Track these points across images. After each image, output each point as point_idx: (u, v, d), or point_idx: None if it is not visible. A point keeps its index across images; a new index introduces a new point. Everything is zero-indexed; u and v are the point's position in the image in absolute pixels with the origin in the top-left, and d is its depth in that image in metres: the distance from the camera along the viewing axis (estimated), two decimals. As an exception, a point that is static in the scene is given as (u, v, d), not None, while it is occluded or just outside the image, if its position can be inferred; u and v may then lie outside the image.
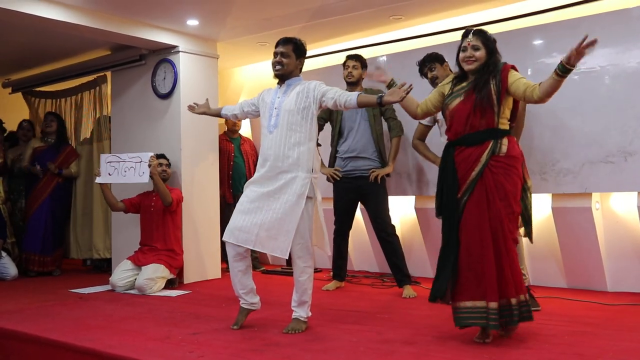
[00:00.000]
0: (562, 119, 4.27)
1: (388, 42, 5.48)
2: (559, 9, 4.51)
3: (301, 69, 3.50)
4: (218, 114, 3.87)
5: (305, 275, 3.31)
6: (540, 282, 4.14)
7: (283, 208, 3.24)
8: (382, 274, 5.41)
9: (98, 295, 4.74)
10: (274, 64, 3.42)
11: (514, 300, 2.85)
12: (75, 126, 6.51)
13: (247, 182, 3.47)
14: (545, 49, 4.43)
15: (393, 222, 4.61)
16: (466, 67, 3.01)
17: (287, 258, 3.28)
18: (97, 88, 6.14)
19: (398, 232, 4.65)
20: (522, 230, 3.11)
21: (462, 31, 3.11)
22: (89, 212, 6.10)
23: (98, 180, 5.07)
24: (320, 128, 4.73)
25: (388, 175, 4.62)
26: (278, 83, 3.48)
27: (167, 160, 5.13)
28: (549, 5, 4.57)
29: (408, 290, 4.37)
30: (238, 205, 3.39)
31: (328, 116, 4.78)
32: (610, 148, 4.11)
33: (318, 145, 4.56)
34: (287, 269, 5.60)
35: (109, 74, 6.01)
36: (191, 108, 3.96)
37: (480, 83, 2.95)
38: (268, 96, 3.50)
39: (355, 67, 4.62)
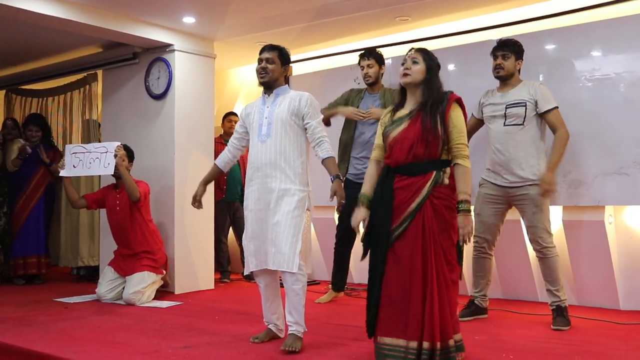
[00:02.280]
0: (575, 128, 4.28)
1: (393, 44, 5.50)
2: (572, 12, 4.53)
3: (286, 77, 3.57)
4: (219, 172, 3.76)
5: (299, 284, 3.31)
6: (548, 299, 4.13)
7: (286, 221, 3.27)
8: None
9: (84, 305, 4.74)
10: (258, 71, 3.48)
11: (448, 342, 2.79)
12: (63, 127, 6.52)
13: (245, 203, 3.49)
14: (557, 53, 4.46)
15: None
16: (402, 80, 3.01)
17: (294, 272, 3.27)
18: (87, 87, 6.15)
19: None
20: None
21: (468, 35, 3.12)
22: (74, 218, 6.11)
23: (62, 173, 5.02)
24: None
25: None
26: (264, 92, 3.52)
27: (128, 152, 5.03)
28: (561, 9, 4.59)
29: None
30: (245, 232, 3.48)
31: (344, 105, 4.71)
32: (625, 159, 4.12)
33: (328, 125, 4.61)
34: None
35: (100, 72, 6.02)
36: (197, 204, 3.68)
37: (426, 111, 2.91)
38: (253, 108, 3.54)
39: (370, 66, 4.59)
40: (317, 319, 3.93)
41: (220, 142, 6.09)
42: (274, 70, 3.45)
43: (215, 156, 5.75)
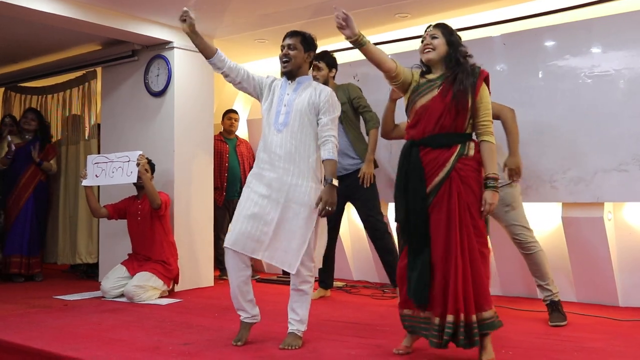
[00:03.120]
0: (574, 124, 4.30)
1: (393, 40, 5.49)
2: (571, 9, 4.53)
3: (311, 64, 3.48)
4: (209, 52, 3.42)
5: (307, 285, 3.30)
6: (541, 294, 4.15)
7: (297, 220, 3.22)
8: (382, 284, 5.42)
9: (84, 303, 4.75)
10: (281, 58, 3.37)
11: (484, 315, 2.80)
12: (62, 124, 6.52)
13: (249, 178, 3.37)
14: (556, 50, 4.45)
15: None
16: (424, 56, 2.99)
17: (293, 273, 3.25)
18: (87, 84, 6.16)
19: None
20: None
21: (468, 32, 3.12)
22: (73, 215, 6.13)
23: (84, 182, 5.07)
24: None
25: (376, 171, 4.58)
26: (287, 78, 3.41)
27: (150, 164, 5.07)
28: (560, 5, 4.59)
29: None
30: (241, 207, 3.30)
31: None
32: (624, 156, 4.13)
33: None
34: (283, 277, 5.61)
35: (99, 69, 6.03)
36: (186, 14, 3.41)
37: (458, 80, 2.88)
38: (276, 87, 3.41)
39: (320, 69, 4.59)
40: (316, 316, 3.94)
41: (220, 140, 6.10)
42: (296, 57, 3.34)
43: (215, 154, 5.79)
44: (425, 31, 3.03)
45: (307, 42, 3.40)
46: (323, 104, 3.29)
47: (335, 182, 3.19)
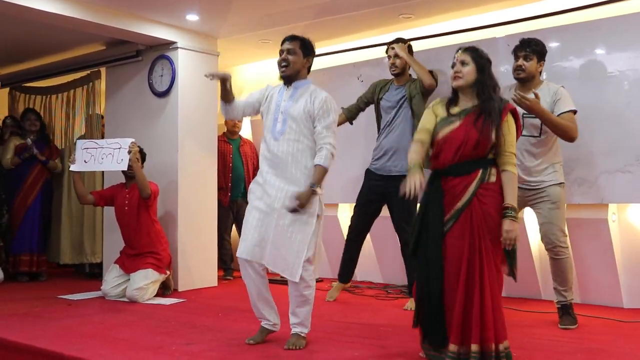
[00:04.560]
0: (579, 126, 4.27)
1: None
2: (577, 10, 4.52)
3: (309, 69, 3.46)
4: (229, 97, 3.49)
5: (309, 290, 3.27)
6: (552, 297, 4.14)
7: (293, 227, 3.21)
8: (386, 285, 5.41)
9: (88, 302, 4.76)
10: (279, 63, 3.37)
11: (492, 346, 2.73)
12: (67, 124, 6.53)
13: (251, 186, 3.43)
14: (562, 51, 4.44)
15: None
16: (453, 83, 2.97)
17: (296, 281, 3.23)
18: (90, 84, 6.15)
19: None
20: (505, 268, 2.98)
21: (472, 32, 3.10)
22: (77, 215, 6.13)
23: (72, 167, 5.01)
24: (362, 110, 4.74)
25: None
26: (284, 84, 3.42)
27: (140, 153, 5.03)
28: (566, 6, 4.58)
29: (411, 303, 4.36)
30: (246, 218, 3.37)
31: (369, 100, 4.70)
32: (628, 157, 4.12)
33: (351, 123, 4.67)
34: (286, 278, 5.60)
35: (103, 69, 6.03)
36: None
37: (484, 115, 2.88)
38: (273, 94, 3.43)
39: (398, 56, 4.51)
40: (320, 317, 3.93)
41: (224, 140, 6.10)
42: (295, 62, 3.33)
43: (219, 154, 5.79)
44: (455, 56, 2.99)
45: (306, 46, 3.39)
46: (317, 110, 3.27)
47: (319, 190, 3.20)
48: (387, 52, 4.62)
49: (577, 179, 4.30)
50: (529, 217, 4.34)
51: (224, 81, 3.43)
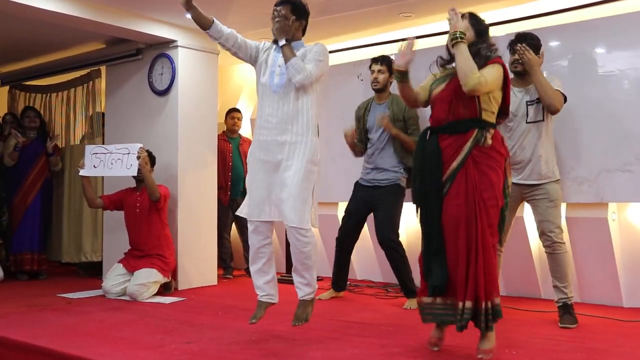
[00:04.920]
0: (578, 124, 4.29)
1: (397, 40, 5.47)
2: (576, 9, 4.52)
3: (304, 31, 3.44)
4: (205, 22, 3.32)
5: (309, 246, 3.26)
6: (551, 296, 4.14)
7: (298, 175, 3.21)
8: (386, 283, 5.41)
9: (88, 301, 4.75)
10: (273, 30, 3.31)
11: (483, 304, 2.82)
12: (67, 122, 6.53)
13: (251, 148, 3.44)
14: (561, 50, 4.45)
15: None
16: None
17: (315, 226, 3.27)
18: (91, 83, 6.17)
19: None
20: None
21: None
22: (77, 213, 6.13)
23: (82, 172, 5.05)
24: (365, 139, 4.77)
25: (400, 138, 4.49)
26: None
27: (150, 157, 5.08)
28: (565, 5, 4.58)
29: (410, 302, 4.37)
30: (248, 178, 3.42)
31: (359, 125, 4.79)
32: (628, 156, 4.12)
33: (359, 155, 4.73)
34: (286, 276, 5.60)
35: (103, 68, 6.03)
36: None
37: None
38: (270, 53, 3.41)
39: (381, 72, 4.58)
40: (319, 315, 3.93)
41: (224, 139, 6.09)
42: (288, 26, 3.28)
43: (219, 153, 5.78)
44: None
45: (299, 9, 3.36)
46: (313, 53, 3.29)
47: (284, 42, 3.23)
48: (370, 67, 4.67)
49: (577, 177, 4.30)
50: (529, 218, 4.33)
51: (189, 7, 3.27)
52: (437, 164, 2.92)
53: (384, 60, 4.60)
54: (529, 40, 3.87)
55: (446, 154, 2.91)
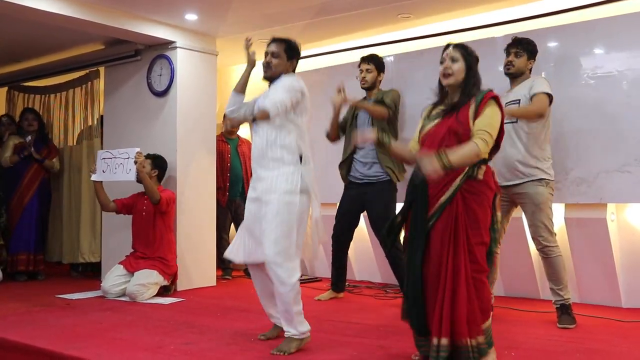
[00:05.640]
0: (577, 125, 4.29)
1: (395, 41, 5.50)
2: (574, 10, 4.53)
3: (294, 70, 3.44)
4: (244, 87, 3.49)
5: (283, 288, 3.12)
6: (550, 296, 4.15)
7: (273, 210, 3.15)
8: (384, 284, 5.41)
9: (86, 302, 4.75)
10: (263, 65, 3.37)
11: (464, 341, 2.70)
12: (65, 124, 6.53)
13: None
14: (559, 51, 4.45)
15: None
16: (443, 81, 2.95)
17: (308, 257, 3.29)
18: (89, 84, 6.16)
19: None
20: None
21: (470, 32, 3.07)
22: (76, 214, 6.13)
23: (93, 177, 5.11)
24: (342, 128, 4.77)
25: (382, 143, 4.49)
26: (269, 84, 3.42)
27: (158, 162, 5.12)
28: (563, 6, 4.59)
29: None
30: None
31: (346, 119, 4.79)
32: (627, 157, 4.12)
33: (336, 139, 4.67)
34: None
35: (102, 69, 6.03)
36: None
37: (459, 105, 2.87)
38: (259, 99, 3.45)
39: (369, 71, 4.62)
40: (318, 316, 3.94)
41: (222, 140, 6.09)
42: (278, 65, 3.34)
43: (217, 154, 5.78)
44: (445, 51, 2.97)
45: (292, 49, 3.39)
46: (280, 85, 3.27)
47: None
48: (359, 66, 4.71)
49: (576, 178, 4.31)
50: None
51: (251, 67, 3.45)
52: (424, 202, 2.84)
53: (372, 59, 4.64)
54: (525, 45, 3.94)
55: (435, 188, 2.82)
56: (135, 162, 4.90)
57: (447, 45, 3.00)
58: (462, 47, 2.96)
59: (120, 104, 5.77)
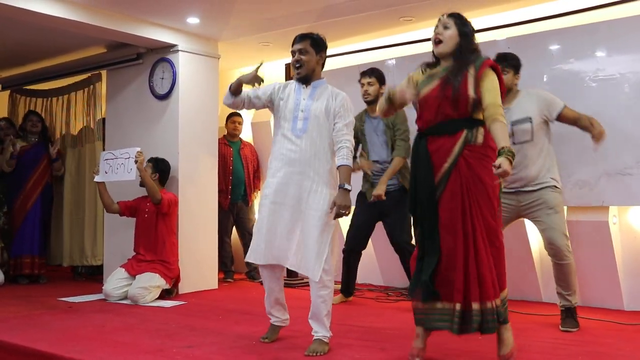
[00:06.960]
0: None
1: (398, 44, 5.49)
2: (577, 13, 4.52)
3: (323, 64, 3.43)
4: (239, 90, 3.42)
5: (326, 290, 3.21)
6: (552, 299, 4.14)
7: (316, 227, 3.17)
8: (387, 287, 5.40)
9: (88, 305, 4.74)
10: (293, 64, 3.34)
11: (475, 306, 2.74)
12: (67, 126, 6.53)
13: (264, 190, 3.38)
14: (561, 54, 4.45)
15: None
16: (435, 49, 2.94)
17: (316, 280, 3.19)
18: (91, 87, 6.16)
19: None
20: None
21: (475, 34, 3.07)
22: (79, 217, 6.13)
23: (96, 178, 5.13)
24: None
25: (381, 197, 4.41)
26: (302, 83, 3.38)
27: (160, 165, 5.12)
28: (565, 9, 4.58)
29: None
30: (261, 220, 3.33)
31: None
32: (629, 159, 4.12)
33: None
34: (287, 280, 5.59)
35: (104, 72, 6.03)
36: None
37: (455, 70, 2.86)
38: (289, 93, 3.39)
39: (371, 84, 4.60)
40: (320, 319, 3.93)
41: (224, 143, 6.09)
42: (309, 61, 3.31)
43: (219, 157, 5.78)
44: (440, 19, 2.96)
45: (317, 43, 3.35)
46: (339, 108, 3.28)
47: (349, 187, 3.17)
48: (360, 80, 4.69)
49: (578, 181, 4.30)
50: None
51: (253, 82, 3.41)
52: (427, 168, 2.86)
53: (373, 72, 4.62)
54: (510, 61, 3.91)
55: (437, 156, 2.84)
56: (136, 162, 4.89)
57: (443, 14, 2.99)
58: (456, 16, 2.96)
59: (122, 107, 5.77)
